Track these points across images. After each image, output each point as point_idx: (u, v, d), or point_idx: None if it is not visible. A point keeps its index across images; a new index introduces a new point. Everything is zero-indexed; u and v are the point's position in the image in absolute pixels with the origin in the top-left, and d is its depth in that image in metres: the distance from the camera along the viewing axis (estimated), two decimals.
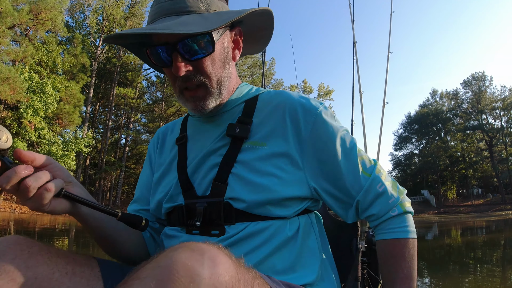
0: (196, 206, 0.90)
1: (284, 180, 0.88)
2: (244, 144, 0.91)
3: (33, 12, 25.12)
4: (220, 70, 0.90)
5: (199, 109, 0.91)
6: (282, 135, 0.91)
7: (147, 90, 47.30)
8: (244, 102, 1.00)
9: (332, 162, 0.91)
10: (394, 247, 0.92)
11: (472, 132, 60.35)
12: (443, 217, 42.97)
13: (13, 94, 21.81)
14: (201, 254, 0.48)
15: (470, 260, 8.42)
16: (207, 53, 0.85)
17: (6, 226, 14.96)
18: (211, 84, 0.89)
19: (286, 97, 0.97)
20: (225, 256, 0.52)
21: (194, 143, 1.00)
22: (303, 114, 0.92)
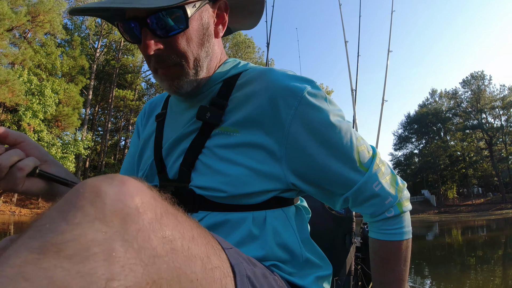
0: (167, 189, 0.84)
1: (256, 172, 0.80)
2: (215, 129, 0.83)
3: (32, 15, 25.11)
4: (197, 48, 0.82)
5: (174, 89, 0.84)
6: (258, 123, 0.81)
7: (146, 92, 47.32)
8: (222, 82, 0.89)
9: (320, 152, 0.79)
10: (387, 249, 0.87)
11: (471, 132, 60.36)
12: (443, 216, 43.01)
13: (12, 96, 21.79)
14: (112, 177, 0.46)
15: (471, 259, 8.40)
16: (179, 29, 0.76)
17: (6, 229, 14.97)
18: (187, 64, 0.81)
19: (268, 77, 0.83)
20: (138, 182, 0.48)
21: (170, 122, 0.95)
22: (285, 97, 0.79)
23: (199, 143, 0.83)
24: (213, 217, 0.80)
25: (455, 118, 63.26)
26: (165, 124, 0.96)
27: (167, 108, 1.00)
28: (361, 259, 1.71)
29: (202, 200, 0.81)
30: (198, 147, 0.83)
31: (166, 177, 0.87)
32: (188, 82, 0.83)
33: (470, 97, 60.33)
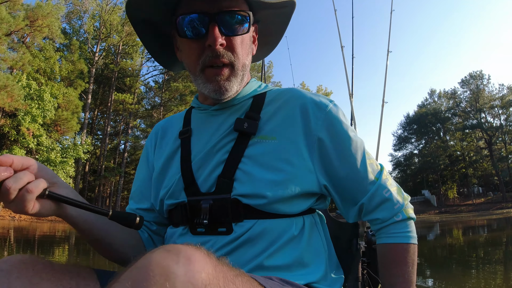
0: (201, 203, 0.86)
1: (294, 175, 0.85)
2: (252, 138, 0.88)
3: (30, 19, 25.13)
4: (246, 55, 0.90)
5: (222, 90, 0.87)
6: (292, 129, 0.89)
7: (145, 96, 47.34)
8: (252, 98, 0.96)
9: (341, 160, 0.89)
10: (396, 251, 0.92)
11: (471, 131, 60.41)
12: (444, 216, 42.96)
13: (11, 101, 21.79)
14: (177, 253, 0.49)
15: (473, 259, 8.38)
16: (243, 32, 0.85)
17: (6, 234, 14.91)
18: (238, 65, 0.87)
19: (295, 93, 0.94)
20: (202, 254, 0.52)
21: (199, 137, 0.96)
22: (313, 109, 0.90)
23: (238, 152, 0.86)
24: (258, 225, 0.83)
25: (454, 118, 63.32)
26: (192, 140, 0.97)
27: (189, 125, 1.01)
28: (366, 263, 1.64)
29: (247, 208, 0.84)
30: (237, 157, 0.86)
31: (197, 191, 0.88)
32: (235, 85, 0.88)
33: (469, 97, 60.41)
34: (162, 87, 43.86)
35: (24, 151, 24.52)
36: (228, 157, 0.87)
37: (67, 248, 11.17)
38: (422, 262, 8.52)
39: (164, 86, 43.67)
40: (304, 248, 0.87)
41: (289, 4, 0.94)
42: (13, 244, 10.87)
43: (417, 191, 63.59)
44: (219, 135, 0.91)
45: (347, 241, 1.50)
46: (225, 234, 0.84)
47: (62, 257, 8.70)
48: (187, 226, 0.90)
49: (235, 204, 0.84)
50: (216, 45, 0.80)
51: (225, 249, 0.83)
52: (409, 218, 0.93)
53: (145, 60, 45.34)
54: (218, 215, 0.84)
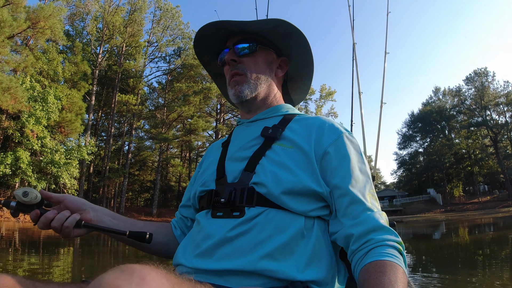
0: (224, 190, 1.01)
1: (301, 176, 0.96)
2: (274, 143, 1.04)
3: (32, 21, 25.20)
4: (260, 71, 1.15)
5: (237, 93, 1.13)
6: (307, 143, 1.02)
7: (149, 97, 47.44)
8: (282, 116, 1.16)
9: (342, 178, 0.96)
10: (385, 268, 0.80)
11: (476, 129, 60.11)
12: (450, 215, 42.75)
13: (15, 103, 21.85)
14: (130, 273, 0.49)
15: (478, 258, 8.29)
16: (248, 52, 1.14)
17: (11, 236, 14.97)
18: (249, 75, 1.13)
19: (319, 118, 1.11)
20: (158, 274, 0.52)
21: (234, 143, 1.16)
22: (328, 131, 1.04)
23: (261, 152, 1.03)
24: (269, 213, 0.94)
25: (459, 116, 63.02)
26: (230, 146, 1.17)
27: (231, 137, 1.24)
28: None
29: (260, 197, 0.96)
30: (259, 155, 1.03)
31: (225, 181, 1.04)
32: (247, 89, 1.13)
33: (474, 94, 60.13)
34: (166, 88, 43.91)
35: (28, 153, 24.60)
36: (252, 155, 1.04)
37: (72, 249, 11.17)
38: (427, 261, 8.45)
39: (168, 87, 43.74)
40: (309, 247, 0.92)
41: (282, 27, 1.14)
42: (18, 245, 10.88)
43: (422, 189, 63.38)
44: (248, 139, 1.10)
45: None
46: (238, 217, 0.94)
47: (68, 258, 8.69)
48: (210, 210, 1.02)
49: (250, 192, 0.96)
50: (228, 60, 1.13)
51: (236, 231, 0.91)
52: (400, 250, 0.87)
53: (148, 61, 45.46)
54: (235, 200, 0.97)
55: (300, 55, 1.23)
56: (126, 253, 10.53)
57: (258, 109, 1.18)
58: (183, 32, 45.29)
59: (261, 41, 1.16)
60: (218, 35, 1.20)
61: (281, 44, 1.21)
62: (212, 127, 42.66)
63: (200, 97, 39.12)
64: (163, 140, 38.49)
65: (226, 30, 1.16)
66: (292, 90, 1.38)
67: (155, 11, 44.09)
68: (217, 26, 1.15)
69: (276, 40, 1.19)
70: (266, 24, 1.13)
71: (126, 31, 39.87)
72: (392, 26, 4.96)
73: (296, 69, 1.29)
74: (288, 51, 1.22)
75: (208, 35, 1.20)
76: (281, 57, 1.23)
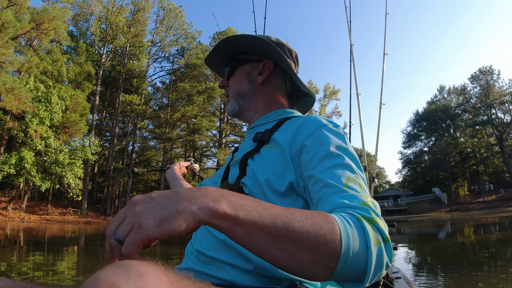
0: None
1: (279, 174, 0.98)
2: (262, 147, 1.08)
3: (36, 22, 25.29)
4: (238, 86, 1.25)
5: (227, 111, 1.32)
6: (287, 140, 1.02)
7: (153, 97, 47.49)
8: (278, 120, 1.19)
9: (315, 165, 0.89)
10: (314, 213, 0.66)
11: (481, 127, 59.75)
12: (455, 214, 42.56)
13: (19, 104, 21.93)
14: (128, 269, 0.48)
15: (484, 259, 8.21)
16: (230, 76, 1.29)
17: (15, 236, 15.02)
18: (232, 93, 1.27)
19: (308, 116, 1.11)
20: (157, 270, 0.51)
21: (240, 148, 1.24)
22: (308, 125, 1.02)
23: (251, 155, 1.09)
24: None
25: (464, 114, 62.68)
26: (237, 152, 1.25)
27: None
28: None
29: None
30: (247, 158, 1.09)
31: (226, 184, 1.14)
32: (231, 106, 1.27)
33: (479, 93, 59.77)
34: (169, 88, 43.95)
35: (32, 153, 24.70)
36: (242, 157, 1.12)
37: (76, 248, 11.19)
38: (433, 261, 8.39)
39: (171, 87, 43.78)
40: None
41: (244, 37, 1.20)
42: (23, 246, 10.90)
43: (427, 189, 63.10)
44: (246, 145, 1.19)
45: None
46: None
47: (72, 258, 8.70)
48: None
49: (240, 192, 1.02)
50: (219, 87, 1.33)
51: None
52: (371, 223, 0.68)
53: (151, 61, 45.54)
54: None
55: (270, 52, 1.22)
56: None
57: (252, 117, 1.27)
58: (187, 32, 45.32)
59: (240, 59, 1.26)
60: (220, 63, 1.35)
61: (258, 51, 1.26)
62: (216, 126, 42.61)
63: (204, 96, 39.11)
64: (167, 140, 38.52)
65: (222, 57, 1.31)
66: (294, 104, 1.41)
67: (158, 11, 44.12)
68: (212, 59, 1.32)
69: (252, 50, 1.26)
70: (226, 49, 1.26)
71: (130, 31, 39.95)
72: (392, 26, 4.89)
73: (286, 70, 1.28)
74: (264, 53, 1.25)
75: (214, 66, 1.36)
76: (263, 62, 1.25)
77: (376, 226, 0.67)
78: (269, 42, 1.17)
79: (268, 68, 1.25)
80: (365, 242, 0.64)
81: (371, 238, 0.64)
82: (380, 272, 0.66)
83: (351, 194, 0.76)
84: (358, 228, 0.65)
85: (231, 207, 0.58)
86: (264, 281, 0.87)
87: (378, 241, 0.65)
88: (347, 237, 0.63)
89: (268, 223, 0.59)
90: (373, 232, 0.65)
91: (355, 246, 0.63)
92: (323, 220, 0.63)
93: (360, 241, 0.64)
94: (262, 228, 0.59)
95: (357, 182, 0.81)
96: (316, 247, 0.61)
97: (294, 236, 0.60)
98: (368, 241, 0.64)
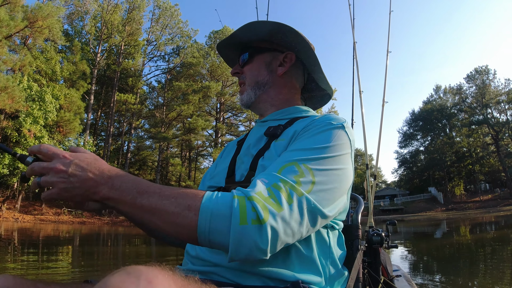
0: (231, 188, 0.90)
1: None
2: (273, 141, 1.03)
3: (30, 20, 25.08)
4: (257, 75, 1.18)
5: (241, 101, 1.22)
6: (292, 132, 1.02)
7: (148, 96, 47.35)
8: (293, 118, 1.14)
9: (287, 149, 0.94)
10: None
11: (477, 127, 60.02)
12: (451, 214, 42.72)
13: (12, 103, 21.76)
14: (137, 276, 0.48)
15: (480, 258, 8.19)
16: (248, 61, 1.20)
17: (10, 236, 14.89)
18: (248, 82, 1.19)
19: (321, 116, 1.06)
20: (165, 277, 0.51)
21: (247, 141, 1.16)
22: (320, 119, 1.00)
23: (262, 151, 1.04)
24: None
25: (460, 114, 62.95)
26: (243, 145, 1.18)
27: (246, 137, 1.25)
28: (367, 263, 1.72)
29: None
30: (261, 154, 1.03)
31: (233, 180, 1.05)
32: (247, 96, 1.19)
33: (475, 92, 60.04)
34: (165, 87, 43.80)
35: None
36: (255, 154, 1.04)
37: (71, 248, 11.08)
38: (428, 261, 8.36)
39: (167, 86, 43.64)
40: (309, 248, 0.90)
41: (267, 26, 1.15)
42: (17, 246, 10.79)
43: (423, 188, 63.32)
44: (256, 139, 1.11)
45: (348, 242, 1.48)
46: None
47: (67, 257, 8.58)
48: None
49: None
50: (232, 74, 1.24)
51: None
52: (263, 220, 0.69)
53: (147, 60, 45.36)
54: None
55: (297, 44, 1.20)
56: (126, 252, 10.42)
57: (267, 110, 1.20)
58: (182, 30, 45.25)
59: (260, 47, 1.20)
60: (232, 49, 1.28)
61: (281, 41, 1.21)
62: (211, 126, 42.52)
63: (199, 95, 39.01)
64: (163, 140, 38.40)
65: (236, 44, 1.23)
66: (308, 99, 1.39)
67: (154, 9, 44.06)
68: (226, 44, 1.25)
69: (274, 39, 1.20)
70: (259, 26, 1.16)
71: (125, 30, 39.79)
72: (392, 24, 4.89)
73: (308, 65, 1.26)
74: (287, 44, 1.21)
75: (225, 51, 1.29)
76: (284, 53, 1.20)
77: (252, 205, 0.69)
78: (302, 34, 1.15)
79: (290, 60, 1.20)
80: (228, 219, 0.69)
81: (236, 216, 0.68)
82: (248, 251, 0.68)
83: (272, 174, 0.80)
84: (224, 204, 0.70)
85: (112, 192, 0.74)
86: (266, 281, 0.84)
87: (246, 220, 0.68)
88: (206, 212, 0.69)
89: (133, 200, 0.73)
90: (243, 210, 0.69)
91: (213, 220, 0.69)
92: (187, 197, 0.72)
93: (222, 216, 0.69)
94: (131, 205, 0.73)
95: (302, 171, 0.80)
96: (174, 219, 0.70)
97: (157, 208, 0.71)
98: (233, 217, 0.68)
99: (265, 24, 1.14)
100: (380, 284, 1.61)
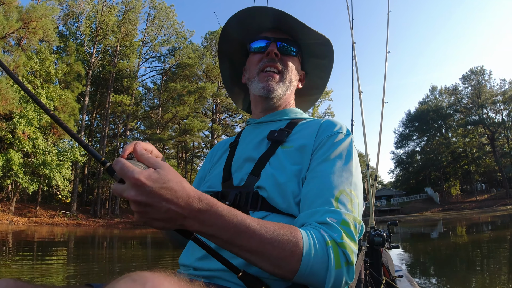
0: (230, 192, 1.00)
1: (294, 175, 0.95)
2: (279, 147, 1.03)
3: (24, 21, 24.91)
4: (293, 74, 1.18)
5: (270, 88, 1.12)
6: (309, 138, 1.03)
7: (144, 97, 47.13)
8: (290, 120, 1.16)
9: (315, 166, 0.94)
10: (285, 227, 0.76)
11: (473, 127, 60.28)
12: (447, 214, 42.83)
13: (5, 104, 21.59)
14: (143, 283, 0.48)
15: (477, 257, 8.17)
16: (291, 54, 1.16)
17: (4, 238, 14.77)
18: (286, 75, 1.15)
19: (323, 120, 1.10)
20: (171, 284, 0.51)
21: (242, 146, 1.15)
22: (325, 127, 1.03)
23: (267, 156, 1.02)
24: (271, 218, 0.92)
25: (456, 114, 63.18)
26: (237, 148, 1.17)
27: (239, 137, 1.24)
28: (369, 264, 1.72)
29: (265, 202, 0.95)
30: (265, 160, 1.02)
31: (231, 184, 1.04)
32: (281, 89, 1.14)
33: (471, 93, 60.28)
34: (161, 88, 43.65)
35: (20, 155, 24.36)
36: (258, 159, 1.03)
37: (66, 250, 10.99)
38: (425, 261, 8.32)
39: (162, 87, 43.48)
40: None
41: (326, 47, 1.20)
42: (12, 248, 10.69)
43: (419, 188, 63.48)
44: (256, 142, 1.09)
45: None
46: None
47: (63, 260, 8.48)
48: None
49: (255, 196, 0.96)
50: (271, 52, 1.12)
51: None
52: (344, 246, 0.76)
53: (142, 61, 45.18)
54: (240, 204, 0.96)
55: (317, 78, 1.30)
56: (121, 257, 10.32)
57: (273, 109, 1.18)
58: (178, 31, 45.14)
59: (300, 50, 1.21)
60: (258, 22, 1.19)
61: (310, 61, 1.27)
62: (207, 127, 42.41)
63: (195, 96, 38.90)
64: (158, 141, 38.22)
65: (271, 23, 1.17)
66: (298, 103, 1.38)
67: (149, 10, 43.93)
68: (268, 13, 1.15)
69: (309, 54, 1.24)
70: (318, 38, 1.17)
71: (120, 30, 39.61)
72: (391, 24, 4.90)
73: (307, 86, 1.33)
74: (309, 69, 1.29)
75: (251, 18, 1.18)
76: (302, 71, 1.27)
77: (343, 250, 0.75)
78: (333, 56, 1.23)
79: (302, 79, 1.29)
80: (326, 265, 0.73)
81: (332, 262, 0.73)
82: (339, 287, 0.75)
83: (335, 210, 0.82)
84: (322, 251, 0.74)
85: (204, 228, 0.69)
86: (269, 282, 0.84)
87: (340, 264, 0.74)
88: (308, 259, 0.72)
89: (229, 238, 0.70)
90: (337, 256, 0.74)
91: (314, 266, 0.73)
92: (289, 243, 0.72)
93: (321, 263, 0.73)
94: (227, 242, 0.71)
95: (349, 197, 0.87)
96: (276, 262, 0.72)
97: (258, 251, 0.71)
98: (329, 264, 0.73)
99: (322, 38, 1.17)
100: (382, 285, 1.60)
